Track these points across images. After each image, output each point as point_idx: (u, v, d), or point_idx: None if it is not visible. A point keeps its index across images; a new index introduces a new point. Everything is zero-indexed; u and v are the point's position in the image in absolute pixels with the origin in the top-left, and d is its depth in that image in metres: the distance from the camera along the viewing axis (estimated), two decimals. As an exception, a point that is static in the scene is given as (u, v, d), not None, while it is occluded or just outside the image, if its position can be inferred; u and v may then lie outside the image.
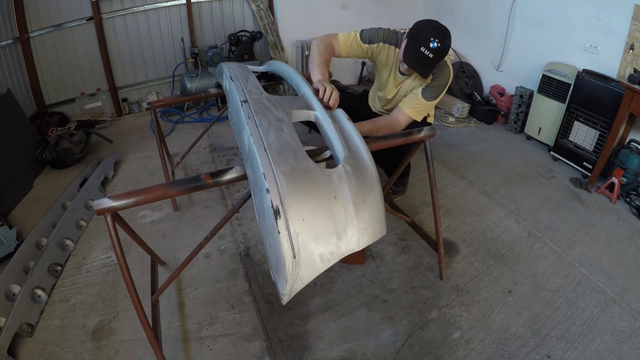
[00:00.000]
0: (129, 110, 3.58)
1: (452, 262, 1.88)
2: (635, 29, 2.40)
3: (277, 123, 1.23)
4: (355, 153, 1.17)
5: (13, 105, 2.64)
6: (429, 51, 1.57)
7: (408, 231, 2.05)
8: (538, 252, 1.96)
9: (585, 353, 1.46)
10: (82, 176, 2.44)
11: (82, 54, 3.21)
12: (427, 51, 1.57)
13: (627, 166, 2.37)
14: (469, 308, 1.64)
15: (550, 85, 2.84)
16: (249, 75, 1.70)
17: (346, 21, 4.01)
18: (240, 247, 1.94)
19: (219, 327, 1.54)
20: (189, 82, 3.39)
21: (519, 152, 2.97)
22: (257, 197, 1.06)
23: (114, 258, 1.85)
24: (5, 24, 2.72)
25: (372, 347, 1.46)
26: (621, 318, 1.60)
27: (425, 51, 1.58)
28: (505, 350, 1.47)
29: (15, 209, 2.25)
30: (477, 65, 3.75)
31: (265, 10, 3.70)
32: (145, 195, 1.12)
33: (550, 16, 2.95)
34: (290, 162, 1.05)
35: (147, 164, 2.71)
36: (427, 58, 1.60)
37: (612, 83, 2.42)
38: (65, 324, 1.54)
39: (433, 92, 1.77)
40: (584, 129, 2.61)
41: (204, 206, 2.25)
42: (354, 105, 2.13)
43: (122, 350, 1.44)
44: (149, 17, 3.37)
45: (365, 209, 1.04)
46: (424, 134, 1.54)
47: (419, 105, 1.79)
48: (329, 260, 0.98)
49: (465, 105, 3.44)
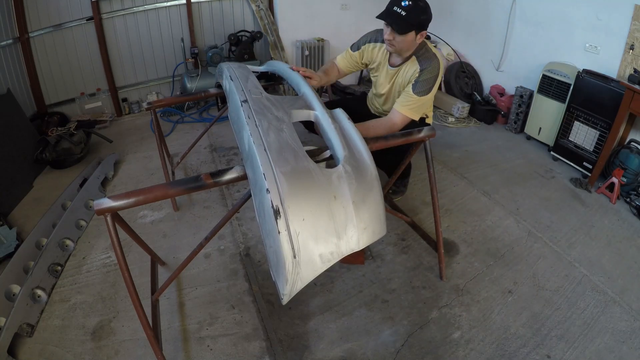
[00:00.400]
0: (129, 110, 3.58)
1: (452, 262, 1.88)
2: (635, 29, 2.40)
3: (277, 123, 1.24)
4: (355, 153, 1.17)
5: (13, 105, 2.64)
6: (400, 9, 1.64)
7: (408, 231, 2.05)
8: (538, 252, 1.96)
9: (585, 353, 1.46)
10: (82, 176, 2.44)
11: (82, 54, 3.21)
12: (399, 9, 1.64)
13: (627, 166, 2.37)
14: (469, 308, 1.64)
15: (550, 85, 2.84)
16: (248, 75, 1.70)
17: (346, 21, 4.01)
18: (240, 247, 1.94)
19: (219, 327, 1.54)
20: (189, 82, 3.39)
21: (519, 152, 2.97)
22: (257, 197, 1.06)
23: (114, 258, 1.85)
24: (5, 24, 2.72)
25: (372, 347, 1.46)
26: (621, 318, 1.60)
27: (397, 9, 1.65)
28: (505, 350, 1.47)
29: (15, 209, 2.25)
30: (477, 65, 3.75)
31: (265, 10, 3.70)
32: (145, 195, 1.12)
33: (550, 16, 2.95)
34: (290, 162, 1.05)
35: (147, 164, 2.71)
36: (397, 14, 1.65)
37: (612, 83, 2.42)
38: (65, 324, 1.54)
39: (424, 86, 1.76)
40: (584, 129, 2.61)
41: (204, 206, 2.25)
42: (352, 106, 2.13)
43: (122, 350, 1.44)
44: (149, 17, 3.37)
45: (365, 208, 1.04)
46: (424, 134, 1.55)
47: (412, 102, 1.77)
48: (329, 260, 0.98)
49: (465, 105, 3.44)
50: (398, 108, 1.80)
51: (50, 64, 3.10)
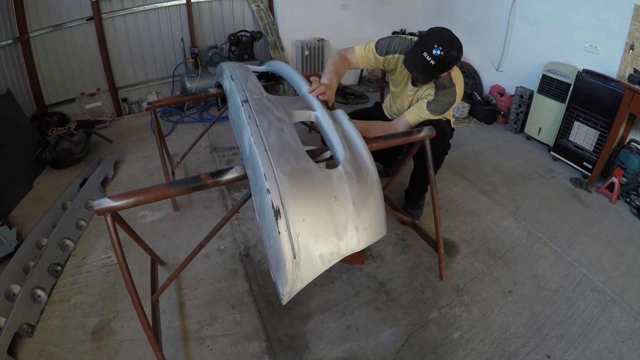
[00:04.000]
0: (129, 110, 3.58)
1: (452, 262, 1.88)
2: (635, 29, 2.40)
3: (278, 123, 1.24)
4: (356, 154, 1.17)
5: (13, 105, 2.64)
6: (430, 57, 1.53)
7: (408, 231, 2.05)
8: (538, 252, 1.96)
9: (585, 353, 1.46)
10: (82, 176, 2.44)
11: (82, 54, 3.21)
12: (429, 57, 1.53)
13: (627, 166, 2.37)
14: (469, 308, 1.64)
15: (550, 85, 2.84)
16: (249, 75, 1.71)
17: (346, 21, 4.02)
18: (240, 247, 1.94)
19: (219, 327, 1.54)
20: (189, 82, 3.39)
21: (519, 152, 2.97)
22: (257, 197, 1.06)
23: (114, 258, 1.85)
24: (5, 24, 2.72)
25: (372, 347, 1.46)
26: (621, 318, 1.60)
27: (427, 56, 1.53)
28: (505, 350, 1.47)
29: (15, 209, 2.25)
30: (477, 65, 3.75)
31: (265, 10, 3.70)
32: (145, 195, 1.12)
33: (550, 16, 2.95)
34: (291, 162, 1.05)
35: (147, 164, 2.71)
36: (427, 63, 1.54)
37: (612, 83, 2.42)
38: (65, 324, 1.54)
39: (438, 108, 1.76)
40: (584, 129, 2.61)
41: (204, 206, 2.25)
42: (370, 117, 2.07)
43: (122, 350, 1.44)
44: (149, 17, 3.37)
45: (366, 209, 1.04)
46: (424, 134, 1.54)
47: (422, 116, 1.78)
48: (329, 260, 0.98)
49: (465, 105, 3.44)
50: (407, 116, 1.80)
51: (50, 64, 3.10)
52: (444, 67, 1.58)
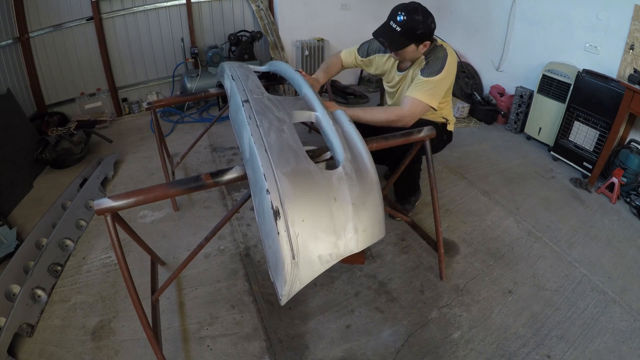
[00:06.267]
0: (129, 110, 3.58)
1: (452, 262, 1.88)
2: (635, 29, 2.40)
3: (278, 123, 1.23)
4: (356, 155, 1.17)
5: (13, 105, 2.64)
6: (395, 24, 1.61)
7: (408, 231, 2.05)
8: (538, 252, 1.96)
9: (585, 353, 1.46)
10: (82, 176, 2.44)
11: (82, 54, 3.21)
12: (394, 24, 1.61)
13: (627, 166, 2.37)
14: (469, 308, 1.64)
15: (550, 85, 2.84)
16: (250, 75, 1.70)
17: (346, 21, 4.01)
18: (240, 247, 1.94)
19: (219, 327, 1.54)
20: (189, 82, 3.39)
21: (519, 152, 2.97)
22: (257, 198, 1.06)
23: (114, 258, 1.85)
24: (5, 24, 2.72)
25: (372, 347, 1.46)
26: (621, 318, 1.60)
27: (393, 24, 1.62)
28: (505, 350, 1.47)
29: (15, 209, 2.25)
30: (477, 65, 3.75)
31: (265, 10, 3.70)
32: (145, 195, 1.12)
33: (550, 16, 2.95)
34: (291, 163, 1.05)
35: (147, 164, 2.71)
36: (392, 30, 1.62)
37: (612, 83, 2.42)
38: (65, 324, 1.54)
39: (432, 67, 1.69)
40: (584, 129, 2.61)
41: (204, 206, 2.25)
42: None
43: (122, 350, 1.44)
44: (149, 17, 3.37)
45: (365, 211, 1.04)
46: (424, 134, 1.54)
47: (421, 85, 1.68)
48: (328, 261, 0.98)
49: (465, 105, 3.44)
50: (409, 94, 1.70)
51: (50, 64, 3.10)
52: (411, 32, 1.61)
